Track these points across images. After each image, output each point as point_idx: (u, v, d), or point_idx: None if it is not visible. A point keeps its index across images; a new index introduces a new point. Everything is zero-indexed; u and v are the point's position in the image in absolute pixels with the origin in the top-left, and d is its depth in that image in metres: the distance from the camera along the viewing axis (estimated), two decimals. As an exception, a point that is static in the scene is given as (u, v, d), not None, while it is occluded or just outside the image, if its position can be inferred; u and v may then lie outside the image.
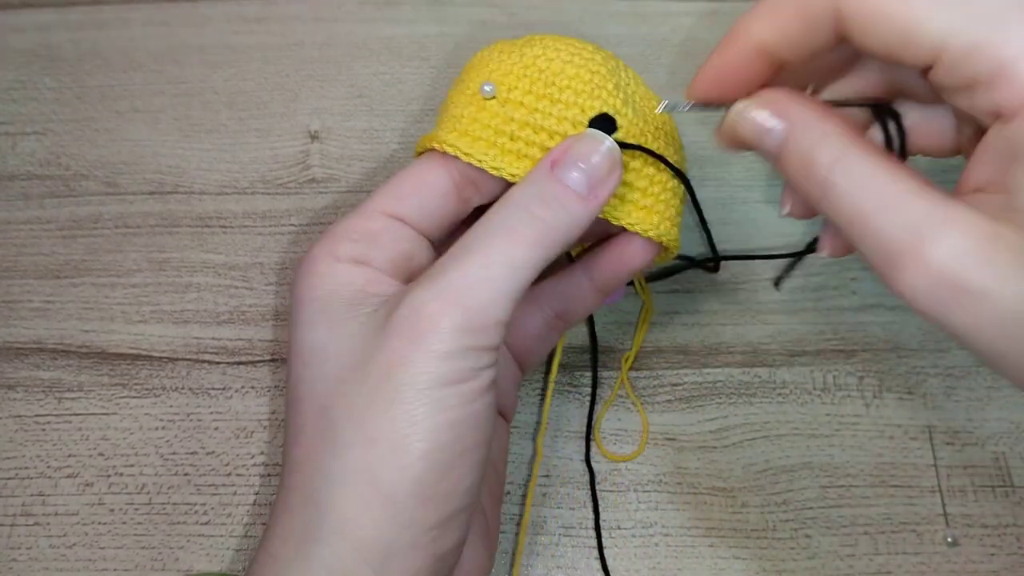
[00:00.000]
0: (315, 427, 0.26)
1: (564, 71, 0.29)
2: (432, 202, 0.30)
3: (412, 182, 0.30)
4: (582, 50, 0.30)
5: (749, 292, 0.40)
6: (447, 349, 0.25)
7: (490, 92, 0.29)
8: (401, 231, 0.29)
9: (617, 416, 0.37)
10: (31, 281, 0.40)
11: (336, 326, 0.27)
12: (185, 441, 0.37)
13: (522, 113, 0.29)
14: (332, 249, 0.28)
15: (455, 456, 0.25)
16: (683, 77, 0.44)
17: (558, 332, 0.34)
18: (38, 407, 0.37)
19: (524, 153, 0.29)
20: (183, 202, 0.41)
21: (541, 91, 0.29)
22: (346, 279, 0.28)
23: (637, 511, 0.36)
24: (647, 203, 0.31)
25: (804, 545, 0.35)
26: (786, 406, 0.37)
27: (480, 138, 0.29)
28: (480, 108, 0.30)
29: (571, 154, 0.28)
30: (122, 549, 0.35)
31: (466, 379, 0.25)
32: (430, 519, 0.25)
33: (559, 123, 0.29)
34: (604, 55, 0.31)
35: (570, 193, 0.27)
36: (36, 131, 0.43)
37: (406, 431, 0.25)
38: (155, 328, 0.39)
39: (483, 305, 0.25)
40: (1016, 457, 0.36)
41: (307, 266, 0.28)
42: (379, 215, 0.29)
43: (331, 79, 0.44)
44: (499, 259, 0.26)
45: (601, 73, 0.30)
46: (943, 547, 0.35)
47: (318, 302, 0.28)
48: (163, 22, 0.45)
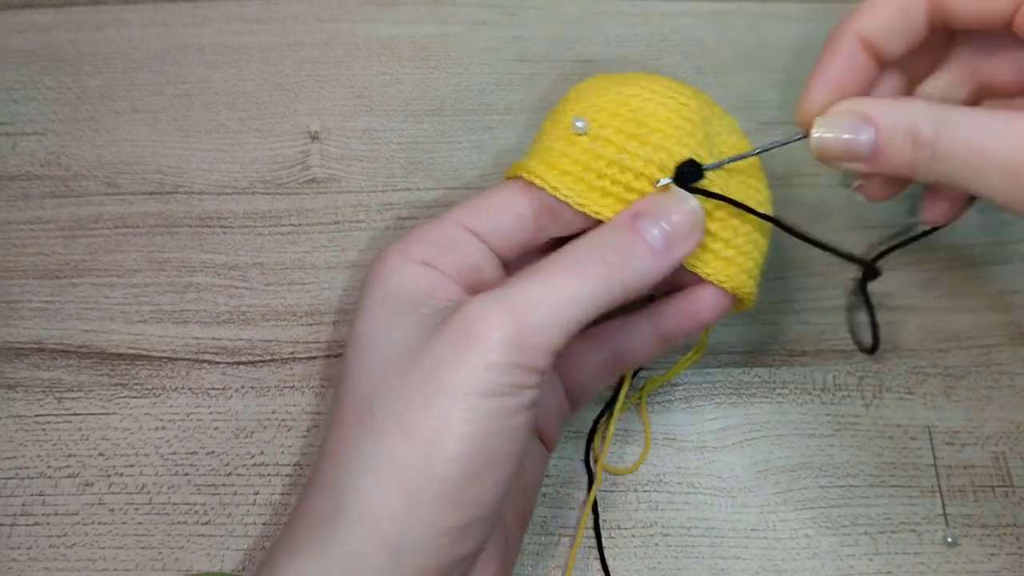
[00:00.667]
0: (357, 414, 0.27)
1: (656, 113, 0.30)
2: (509, 223, 0.30)
3: (493, 202, 0.31)
4: (679, 94, 0.31)
5: (749, 292, 0.40)
6: (494, 361, 0.25)
7: (582, 128, 0.30)
8: (474, 243, 0.30)
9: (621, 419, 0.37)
10: (31, 281, 0.40)
11: (395, 320, 0.28)
12: (185, 441, 0.37)
13: (611, 151, 0.29)
14: (405, 249, 0.29)
15: (483, 466, 0.25)
16: (683, 77, 0.44)
17: (613, 373, 0.34)
18: (38, 407, 0.37)
19: (609, 191, 0.29)
20: (183, 202, 0.41)
21: (631, 131, 0.30)
22: (413, 278, 0.29)
23: (637, 511, 0.36)
24: (728, 254, 0.31)
25: (804, 545, 0.35)
26: (786, 406, 0.37)
27: (568, 172, 0.30)
28: (571, 143, 0.30)
29: (654, 209, 0.29)
30: (122, 549, 0.35)
31: (507, 394, 0.26)
32: (448, 522, 0.25)
33: (646, 165, 0.29)
34: (700, 101, 0.31)
35: (645, 246, 0.28)
36: (36, 131, 0.43)
37: (440, 431, 0.25)
38: (155, 328, 0.39)
39: (537, 326, 0.26)
40: (1016, 457, 0.36)
41: (379, 263, 0.29)
42: (456, 225, 0.30)
43: (331, 79, 0.44)
44: (563, 290, 0.26)
45: (693, 121, 0.30)
46: (943, 547, 0.35)
47: (382, 296, 0.28)
48: (163, 22, 0.45)
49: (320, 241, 0.40)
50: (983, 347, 0.39)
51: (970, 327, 0.39)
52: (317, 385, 0.38)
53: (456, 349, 0.26)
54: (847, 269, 0.40)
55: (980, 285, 0.40)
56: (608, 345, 0.33)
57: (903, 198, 0.42)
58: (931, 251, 0.40)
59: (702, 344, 0.37)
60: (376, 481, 0.25)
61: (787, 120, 0.43)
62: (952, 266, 0.40)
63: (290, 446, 0.37)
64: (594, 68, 0.44)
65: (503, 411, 0.26)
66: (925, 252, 0.40)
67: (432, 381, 0.25)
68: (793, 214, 0.41)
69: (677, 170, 0.29)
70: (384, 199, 0.41)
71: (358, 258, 0.40)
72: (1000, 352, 0.38)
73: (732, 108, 0.44)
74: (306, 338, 0.39)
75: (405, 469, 0.25)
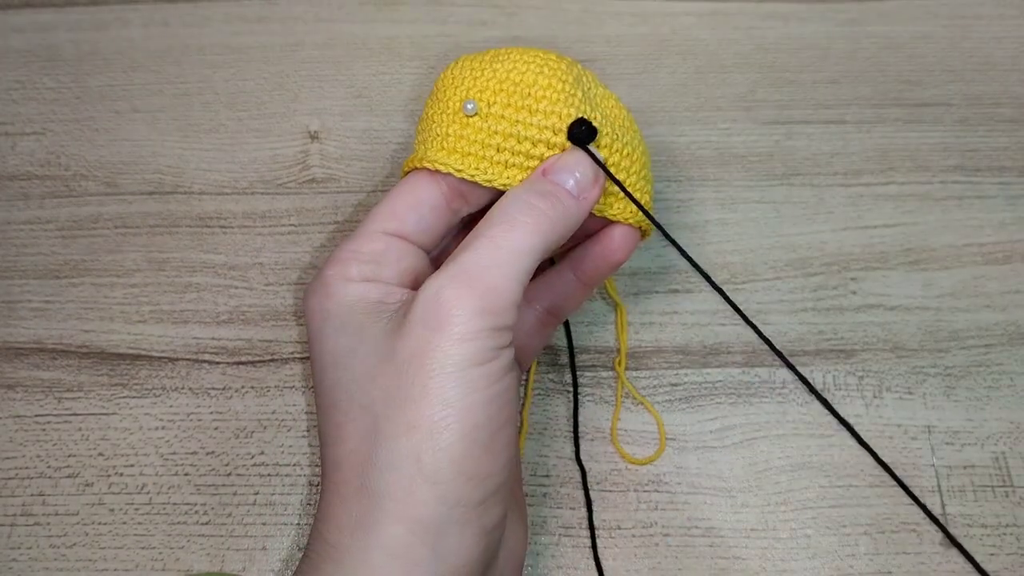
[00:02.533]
0: (359, 424, 0.27)
1: (537, 82, 0.31)
2: (427, 217, 0.31)
3: (406, 200, 0.31)
4: (548, 60, 0.32)
5: (749, 292, 0.40)
6: (468, 331, 0.26)
7: (472, 109, 0.31)
8: (403, 248, 0.31)
9: (626, 418, 0.37)
10: (31, 281, 0.40)
11: (361, 332, 0.28)
12: (185, 441, 0.37)
13: (504, 126, 0.31)
14: (342, 271, 0.30)
15: (490, 434, 0.26)
16: (683, 77, 0.44)
17: (549, 328, 0.36)
18: (38, 407, 0.37)
19: (511, 163, 0.31)
20: (183, 202, 0.41)
21: (520, 103, 0.31)
22: (361, 295, 0.29)
23: (637, 511, 0.36)
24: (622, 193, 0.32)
25: (804, 545, 0.35)
26: (786, 406, 0.37)
27: (469, 153, 0.31)
28: (464, 125, 0.31)
29: (559, 165, 0.30)
30: (122, 549, 0.35)
31: (489, 359, 0.27)
32: (474, 496, 0.26)
33: (540, 132, 0.31)
34: (567, 62, 0.33)
35: (563, 190, 0.30)
36: (36, 131, 0.43)
37: (442, 414, 0.26)
38: (155, 328, 0.39)
39: (496, 286, 0.27)
40: (1016, 457, 0.36)
41: (321, 288, 0.30)
42: (380, 235, 0.31)
43: (331, 79, 0.44)
44: (505, 245, 0.28)
45: (570, 82, 0.32)
46: (943, 547, 0.35)
47: (338, 317, 0.29)
48: (163, 22, 0.45)
49: (320, 241, 0.40)
50: (983, 347, 0.39)
51: (970, 327, 0.39)
52: (317, 385, 0.38)
53: (431, 333, 0.26)
54: (847, 269, 0.40)
55: (980, 285, 0.40)
56: (539, 302, 0.35)
57: (904, 211, 0.42)
58: (931, 250, 0.40)
59: (620, 308, 0.39)
60: (399, 478, 0.26)
61: (787, 120, 0.43)
62: (952, 266, 0.40)
63: (290, 446, 0.37)
64: (594, 68, 0.44)
65: (491, 376, 0.26)
66: (924, 251, 0.40)
67: (419, 370, 0.26)
68: (793, 213, 0.41)
69: (570, 130, 0.31)
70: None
71: (358, 258, 0.40)
72: (1000, 352, 0.38)
73: (732, 108, 0.44)
74: (306, 338, 0.39)
75: (422, 459, 0.26)
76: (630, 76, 0.44)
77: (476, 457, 0.26)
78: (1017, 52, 0.45)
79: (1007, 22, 0.46)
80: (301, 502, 0.36)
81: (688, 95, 0.44)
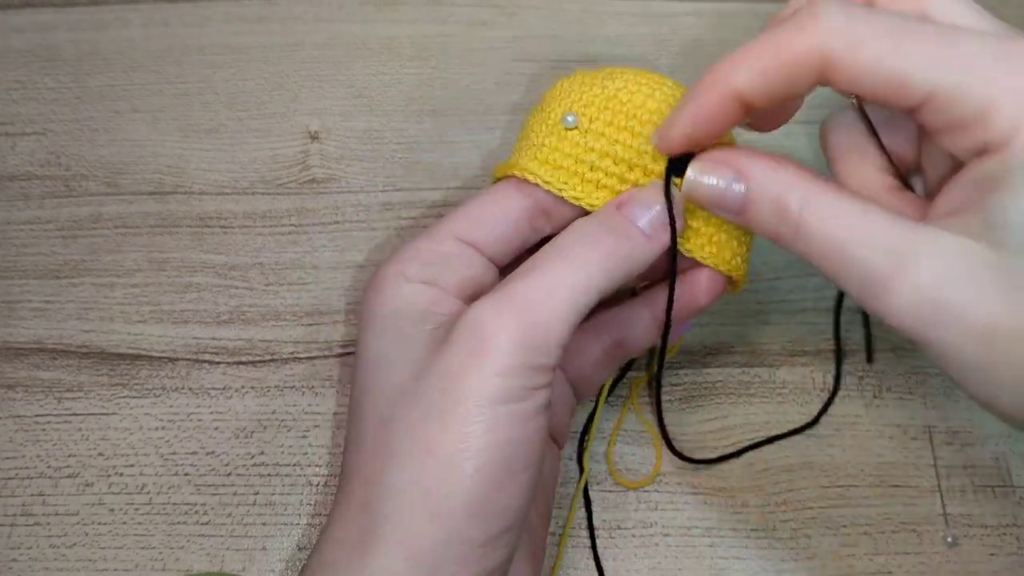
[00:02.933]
0: (375, 437, 0.27)
1: (645, 105, 0.30)
2: (504, 229, 0.30)
3: (486, 208, 0.30)
4: (662, 85, 0.31)
5: (749, 292, 0.39)
6: (505, 364, 0.25)
7: (572, 123, 0.30)
8: (471, 256, 0.30)
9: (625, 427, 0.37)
10: (31, 281, 0.40)
11: (402, 339, 0.27)
12: (185, 441, 0.37)
13: (603, 144, 0.30)
14: (402, 269, 0.29)
15: (505, 476, 0.25)
16: (683, 78, 0.44)
17: (615, 362, 0.34)
18: (38, 407, 0.37)
19: (603, 184, 0.30)
20: (183, 202, 0.41)
21: (622, 123, 0.30)
22: (414, 298, 0.28)
23: (637, 511, 0.36)
24: (720, 239, 0.31)
25: (804, 545, 0.35)
26: (786, 406, 0.37)
27: (560, 167, 0.30)
28: (561, 138, 0.30)
29: (637, 198, 0.29)
30: (122, 549, 0.35)
31: (521, 398, 0.25)
32: (479, 536, 0.25)
33: (639, 156, 0.29)
34: (683, 91, 0.31)
35: (634, 227, 0.28)
36: (36, 131, 0.43)
37: (459, 447, 0.25)
38: (155, 328, 0.39)
39: (543, 323, 0.26)
40: (1016, 457, 0.36)
41: (377, 284, 0.29)
42: (451, 239, 0.30)
43: (331, 79, 0.44)
44: (561, 281, 0.26)
45: None
46: (943, 547, 0.35)
47: (385, 318, 0.28)
48: (163, 22, 0.45)
49: (320, 241, 0.40)
50: (983, 347, 0.39)
51: (970, 327, 0.39)
52: (317, 385, 0.38)
53: (466, 359, 0.25)
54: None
55: (980, 285, 0.40)
56: (608, 334, 0.33)
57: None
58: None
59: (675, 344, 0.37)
60: (404, 503, 0.25)
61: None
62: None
63: (290, 446, 0.37)
64: (594, 68, 0.44)
65: (519, 417, 0.25)
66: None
67: (447, 395, 0.25)
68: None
69: (671, 161, 0.29)
70: (384, 199, 0.41)
71: (358, 258, 0.40)
72: (1000, 352, 0.38)
73: (732, 108, 0.44)
74: (306, 338, 0.39)
75: (430, 489, 0.25)
76: (630, 76, 0.44)
77: (486, 497, 0.25)
78: (1017, 52, 0.45)
79: (1007, 23, 0.46)
80: (301, 502, 0.36)
81: (688, 95, 0.44)
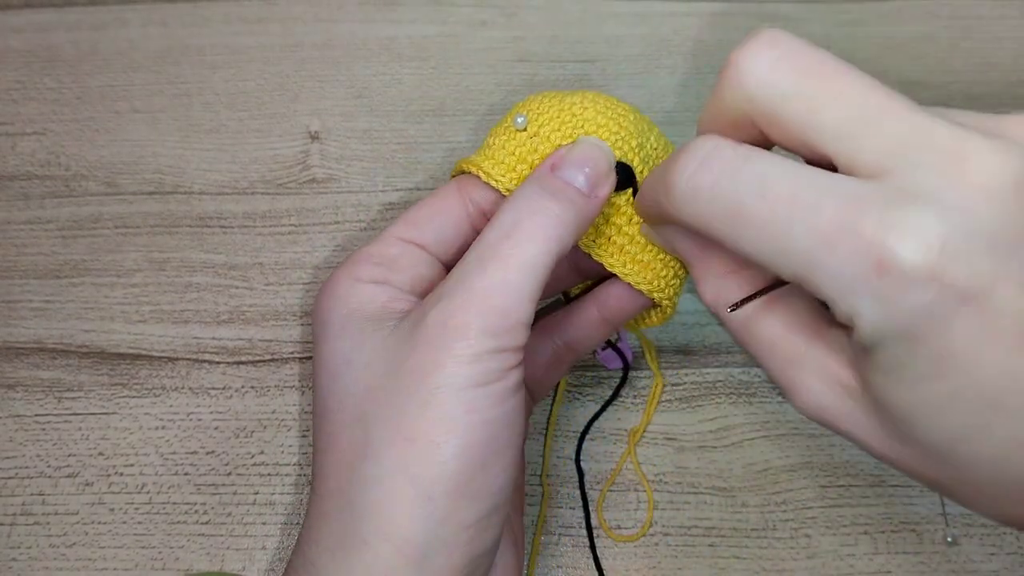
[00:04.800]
0: (349, 435, 0.27)
1: (595, 119, 0.31)
2: (447, 230, 0.31)
3: (428, 211, 0.31)
4: (617, 107, 0.31)
5: (749, 292, 0.40)
6: (476, 352, 0.26)
7: (522, 124, 0.31)
8: (418, 255, 0.30)
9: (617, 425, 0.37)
10: (31, 281, 0.40)
11: (362, 339, 0.28)
12: (185, 441, 0.37)
13: (546, 148, 0.30)
14: (353, 272, 0.29)
15: (489, 455, 0.26)
16: (682, 78, 0.44)
17: (565, 364, 0.34)
18: (38, 407, 0.37)
19: None
20: (183, 202, 0.41)
21: (568, 132, 0.30)
22: (368, 297, 0.29)
23: (637, 511, 0.36)
24: (644, 259, 0.31)
25: (804, 545, 0.35)
26: (786, 406, 0.37)
27: (502, 162, 0.30)
28: (510, 137, 0.31)
29: (569, 158, 0.29)
30: (122, 549, 0.35)
31: (496, 380, 0.26)
32: (467, 518, 0.25)
33: None
34: (638, 117, 0.32)
35: (574, 188, 0.28)
36: (36, 131, 0.43)
37: (441, 430, 0.25)
38: (155, 328, 0.39)
39: (505, 307, 0.26)
40: (1016, 457, 0.36)
41: (329, 288, 0.29)
42: (397, 241, 0.30)
43: (331, 79, 0.44)
44: (515, 261, 0.27)
45: (628, 130, 0.31)
46: (943, 547, 0.35)
47: (342, 320, 0.28)
48: (162, 22, 0.45)
49: (320, 241, 0.41)
50: (983, 347, 0.39)
51: (970, 327, 0.39)
52: (317, 385, 0.38)
53: (438, 351, 0.26)
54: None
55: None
56: (557, 334, 0.34)
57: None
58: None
59: (657, 381, 0.38)
60: (390, 491, 0.25)
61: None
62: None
63: (290, 446, 0.37)
64: (594, 68, 0.44)
65: (496, 397, 0.26)
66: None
67: (422, 385, 0.26)
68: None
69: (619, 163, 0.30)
70: (384, 199, 0.41)
71: (358, 258, 0.40)
72: (1000, 352, 0.38)
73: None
74: (306, 338, 0.39)
75: (415, 474, 0.25)
76: (630, 76, 0.44)
77: (472, 477, 0.25)
78: (1017, 53, 0.45)
79: (1008, 23, 0.46)
80: (302, 502, 0.36)
81: (688, 95, 0.44)
